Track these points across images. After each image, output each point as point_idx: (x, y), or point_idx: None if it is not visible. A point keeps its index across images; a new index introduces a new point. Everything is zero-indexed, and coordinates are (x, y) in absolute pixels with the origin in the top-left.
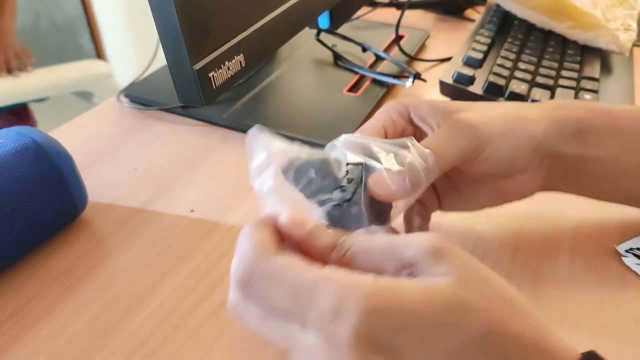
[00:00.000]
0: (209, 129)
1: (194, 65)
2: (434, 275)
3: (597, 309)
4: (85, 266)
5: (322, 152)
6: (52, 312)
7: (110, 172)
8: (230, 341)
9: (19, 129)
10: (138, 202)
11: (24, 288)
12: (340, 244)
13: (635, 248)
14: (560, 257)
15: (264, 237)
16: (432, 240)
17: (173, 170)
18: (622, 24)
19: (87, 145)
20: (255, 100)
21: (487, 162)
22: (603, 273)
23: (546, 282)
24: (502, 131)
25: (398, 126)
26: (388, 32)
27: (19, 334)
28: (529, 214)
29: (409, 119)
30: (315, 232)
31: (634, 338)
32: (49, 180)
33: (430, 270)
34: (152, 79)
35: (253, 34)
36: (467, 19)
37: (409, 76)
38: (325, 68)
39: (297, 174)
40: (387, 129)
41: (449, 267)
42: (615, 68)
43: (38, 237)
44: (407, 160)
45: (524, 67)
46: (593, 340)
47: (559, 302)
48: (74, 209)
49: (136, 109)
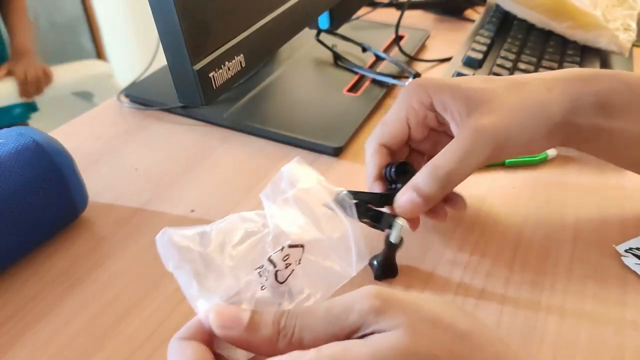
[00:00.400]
0: (209, 129)
1: (194, 65)
2: (381, 331)
3: (597, 309)
4: (85, 266)
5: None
6: (52, 312)
7: (110, 172)
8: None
9: (19, 129)
10: (138, 202)
11: (24, 288)
12: (284, 329)
13: (634, 248)
14: (560, 257)
15: (194, 355)
16: (371, 300)
17: (173, 170)
18: (622, 24)
19: (87, 145)
20: (256, 100)
21: (504, 153)
22: (603, 273)
23: (546, 282)
24: (521, 127)
25: (420, 114)
26: (388, 33)
27: (19, 334)
28: (529, 214)
29: (430, 106)
30: (253, 325)
31: (633, 337)
32: (49, 180)
33: (377, 327)
34: (152, 79)
35: (253, 34)
36: (466, 19)
37: (409, 76)
38: (325, 68)
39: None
40: (409, 119)
41: (395, 320)
42: (615, 68)
43: (38, 237)
44: (257, 295)
45: (523, 67)
46: (592, 340)
47: (559, 302)
48: (74, 209)
49: (136, 109)
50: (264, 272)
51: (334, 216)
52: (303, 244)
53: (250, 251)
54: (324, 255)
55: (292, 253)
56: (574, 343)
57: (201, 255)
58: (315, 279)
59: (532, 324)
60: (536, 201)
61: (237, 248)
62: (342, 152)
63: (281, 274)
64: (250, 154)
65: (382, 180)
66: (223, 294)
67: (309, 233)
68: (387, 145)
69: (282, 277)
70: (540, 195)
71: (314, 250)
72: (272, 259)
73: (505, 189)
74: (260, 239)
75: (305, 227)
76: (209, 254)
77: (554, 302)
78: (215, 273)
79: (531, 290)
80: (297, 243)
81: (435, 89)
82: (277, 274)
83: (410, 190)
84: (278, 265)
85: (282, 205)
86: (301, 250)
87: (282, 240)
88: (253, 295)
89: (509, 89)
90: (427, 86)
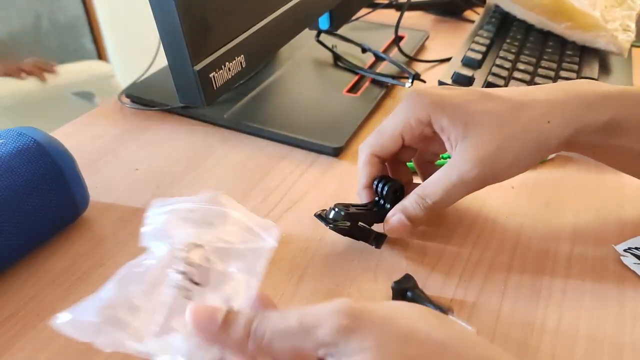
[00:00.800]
0: (209, 129)
1: (195, 66)
2: (350, 354)
3: (596, 308)
4: (86, 266)
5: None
6: (52, 312)
7: (111, 172)
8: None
9: (20, 129)
10: (139, 202)
11: (24, 288)
12: (254, 332)
13: (633, 247)
14: (559, 257)
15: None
16: (341, 319)
17: (174, 170)
18: (620, 25)
19: (88, 146)
20: (256, 100)
21: (496, 180)
22: (602, 272)
23: (545, 282)
24: (516, 159)
25: (416, 131)
26: (388, 33)
27: (19, 334)
28: (528, 214)
29: (428, 123)
30: (226, 324)
31: (633, 337)
32: (50, 180)
33: (346, 349)
34: (153, 79)
35: (254, 35)
36: (466, 19)
37: (409, 77)
38: (325, 69)
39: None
40: (404, 135)
41: (364, 341)
42: (613, 69)
43: (38, 237)
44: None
45: (522, 68)
46: (592, 340)
47: (558, 302)
48: (75, 208)
49: (137, 109)
50: (180, 288)
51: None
52: (201, 244)
53: (155, 291)
54: (228, 243)
55: (194, 255)
56: (572, 342)
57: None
58: (236, 261)
59: (531, 322)
60: (535, 201)
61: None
62: (341, 152)
63: (199, 277)
64: (250, 154)
65: (371, 189)
66: (153, 327)
67: (203, 235)
68: (379, 156)
69: (201, 278)
70: (539, 195)
71: (218, 243)
72: (181, 271)
73: (504, 189)
74: (157, 276)
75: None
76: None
77: (552, 301)
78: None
79: (530, 289)
80: (196, 243)
81: (434, 107)
82: (194, 279)
83: (400, 214)
84: (188, 271)
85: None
86: (202, 249)
87: (177, 254)
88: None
89: (509, 113)
90: (427, 103)
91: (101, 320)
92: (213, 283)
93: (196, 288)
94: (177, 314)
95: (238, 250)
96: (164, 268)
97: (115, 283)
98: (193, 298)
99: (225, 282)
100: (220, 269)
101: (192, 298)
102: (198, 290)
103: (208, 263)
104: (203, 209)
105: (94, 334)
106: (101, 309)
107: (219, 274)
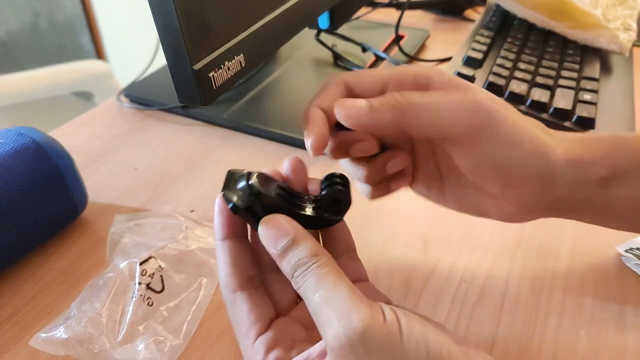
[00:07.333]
0: (208, 129)
1: (194, 65)
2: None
3: (597, 308)
4: (85, 266)
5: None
6: (52, 312)
7: (110, 172)
8: (231, 341)
9: (19, 129)
10: (138, 202)
11: (24, 288)
12: (295, 278)
13: (634, 248)
14: (560, 257)
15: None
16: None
17: (173, 170)
18: (622, 24)
19: (87, 145)
20: (255, 100)
21: (485, 154)
22: (603, 272)
23: (546, 282)
24: (518, 137)
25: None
26: (388, 32)
27: (19, 334)
28: None
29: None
30: (284, 253)
31: (633, 337)
32: (49, 180)
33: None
34: (152, 79)
35: (253, 34)
36: (467, 19)
37: None
38: (325, 68)
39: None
40: (387, 87)
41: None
42: (615, 68)
43: (38, 237)
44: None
45: (523, 67)
46: (592, 339)
47: (558, 302)
48: (74, 208)
49: (136, 109)
50: (141, 296)
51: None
52: (151, 255)
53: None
54: (180, 250)
55: (148, 267)
56: (573, 342)
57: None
58: (188, 265)
59: (532, 323)
60: None
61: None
62: None
63: (154, 284)
64: (250, 154)
65: (320, 112)
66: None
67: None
68: (351, 88)
69: (157, 285)
70: None
71: (171, 251)
72: (139, 282)
73: None
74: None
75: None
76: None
77: (553, 301)
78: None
79: (531, 289)
80: (145, 258)
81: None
82: (150, 286)
83: (363, 101)
84: (144, 281)
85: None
86: (155, 260)
87: (135, 266)
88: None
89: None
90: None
91: (69, 336)
92: (169, 288)
93: (155, 295)
94: (141, 320)
95: (190, 253)
96: (125, 280)
97: (80, 299)
98: (154, 304)
99: (181, 286)
100: (174, 276)
101: (152, 304)
102: (157, 297)
103: (162, 272)
104: (162, 223)
105: (66, 348)
106: (69, 327)
107: (173, 281)
